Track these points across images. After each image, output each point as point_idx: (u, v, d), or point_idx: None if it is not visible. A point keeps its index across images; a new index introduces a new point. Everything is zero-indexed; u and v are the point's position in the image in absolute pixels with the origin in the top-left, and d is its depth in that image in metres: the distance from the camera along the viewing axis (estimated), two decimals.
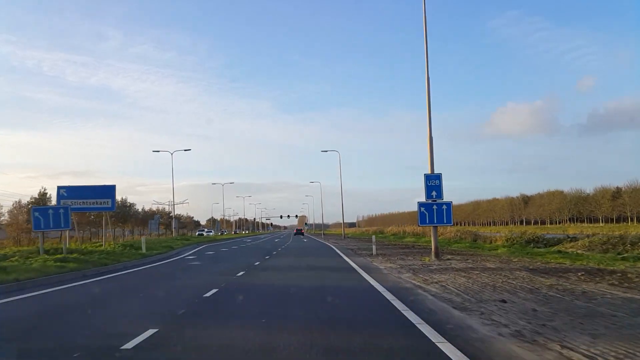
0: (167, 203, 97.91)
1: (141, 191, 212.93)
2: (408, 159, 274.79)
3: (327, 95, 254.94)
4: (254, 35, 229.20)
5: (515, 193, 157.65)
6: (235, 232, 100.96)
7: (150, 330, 6.60)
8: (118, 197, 75.86)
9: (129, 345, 5.86)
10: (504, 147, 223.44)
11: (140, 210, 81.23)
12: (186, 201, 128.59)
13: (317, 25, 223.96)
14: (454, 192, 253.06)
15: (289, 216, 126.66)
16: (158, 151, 51.83)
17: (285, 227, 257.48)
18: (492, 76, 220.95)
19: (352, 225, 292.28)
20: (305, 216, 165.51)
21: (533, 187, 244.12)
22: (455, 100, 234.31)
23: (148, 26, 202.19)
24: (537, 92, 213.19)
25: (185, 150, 51.68)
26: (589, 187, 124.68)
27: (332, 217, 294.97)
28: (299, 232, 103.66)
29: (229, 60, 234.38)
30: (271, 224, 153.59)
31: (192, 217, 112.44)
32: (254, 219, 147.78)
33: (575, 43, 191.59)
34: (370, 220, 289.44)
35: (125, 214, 70.44)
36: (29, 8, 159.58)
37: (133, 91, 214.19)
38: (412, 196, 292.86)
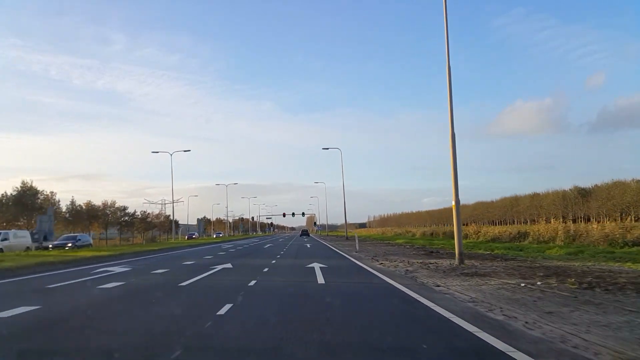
0: (161, 202, 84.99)
1: (149, 193, 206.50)
2: (414, 159, 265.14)
3: (331, 96, 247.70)
4: (257, 36, 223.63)
5: (523, 192, 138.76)
6: (191, 237, 71.95)
7: None
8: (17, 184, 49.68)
9: None
10: (512, 146, 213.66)
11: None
12: (181, 200, 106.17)
13: (320, 25, 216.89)
14: (459, 192, 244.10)
15: (293, 214, 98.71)
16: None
17: (292, 229, 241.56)
18: (499, 74, 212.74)
19: (362, 225, 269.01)
20: (313, 215, 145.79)
21: (541, 186, 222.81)
22: (461, 99, 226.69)
23: (152, 29, 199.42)
24: (545, 91, 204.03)
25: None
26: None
27: (339, 217, 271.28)
28: (305, 233, 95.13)
29: (232, 61, 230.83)
30: (271, 223, 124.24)
31: (169, 215, 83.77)
32: (252, 218, 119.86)
33: (583, 40, 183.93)
34: (383, 221, 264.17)
35: (25, 204, 42.69)
36: (34, 12, 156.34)
37: (138, 94, 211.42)
38: (420, 196, 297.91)
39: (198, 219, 79.67)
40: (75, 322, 7.38)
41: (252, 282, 12.09)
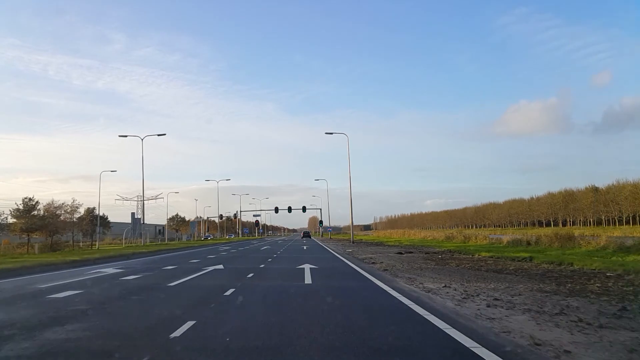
0: (136, 198, 67.50)
1: (150, 195, 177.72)
2: (416, 160, 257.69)
3: (333, 97, 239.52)
4: (257, 36, 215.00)
5: (527, 194, 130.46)
6: None
7: None
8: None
9: None
10: (516, 146, 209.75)
11: None
12: (160, 196, 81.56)
13: (321, 26, 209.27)
14: (462, 193, 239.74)
15: (290, 209, 67.38)
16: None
17: (293, 230, 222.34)
18: (503, 73, 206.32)
19: (366, 227, 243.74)
20: (316, 217, 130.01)
21: (545, 187, 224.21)
22: (465, 98, 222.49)
23: (151, 29, 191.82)
24: (550, 91, 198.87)
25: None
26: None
27: (343, 219, 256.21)
28: (307, 234, 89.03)
29: (233, 62, 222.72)
30: (256, 222, 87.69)
31: (93, 209, 52.10)
32: (234, 216, 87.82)
33: (588, 40, 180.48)
34: (391, 222, 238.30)
35: None
36: (32, 12, 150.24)
37: (139, 95, 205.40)
38: (422, 198, 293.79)
39: (132, 214, 48.58)
40: None
41: None
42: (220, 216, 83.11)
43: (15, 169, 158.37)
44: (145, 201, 55.77)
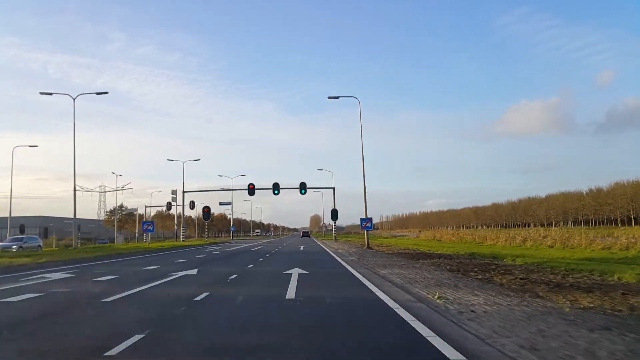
0: (98, 189, 66.91)
1: (151, 194, 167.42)
2: (417, 160, 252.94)
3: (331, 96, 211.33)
4: (257, 35, 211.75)
5: (527, 194, 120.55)
6: None
7: None
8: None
9: None
10: (517, 146, 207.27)
11: None
12: (128, 186, 56.47)
13: (321, 26, 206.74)
14: (463, 193, 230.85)
15: (277, 188, 38.32)
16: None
17: (294, 230, 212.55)
18: (503, 73, 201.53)
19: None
20: (318, 215, 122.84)
21: (545, 188, 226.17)
22: (465, 99, 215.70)
23: (151, 28, 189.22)
24: (551, 90, 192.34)
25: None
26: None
27: (346, 219, 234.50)
28: (306, 234, 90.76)
29: (233, 61, 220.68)
30: (205, 210, 46.97)
31: None
32: (204, 209, 57.18)
33: (589, 39, 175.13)
34: (399, 221, 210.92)
35: None
36: (32, 10, 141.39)
37: (138, 94, 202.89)
38: (423, 198, 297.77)
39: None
40: None
41: None
42: (168, 205, 53.32)
43: (16, 167, 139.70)
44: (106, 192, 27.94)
